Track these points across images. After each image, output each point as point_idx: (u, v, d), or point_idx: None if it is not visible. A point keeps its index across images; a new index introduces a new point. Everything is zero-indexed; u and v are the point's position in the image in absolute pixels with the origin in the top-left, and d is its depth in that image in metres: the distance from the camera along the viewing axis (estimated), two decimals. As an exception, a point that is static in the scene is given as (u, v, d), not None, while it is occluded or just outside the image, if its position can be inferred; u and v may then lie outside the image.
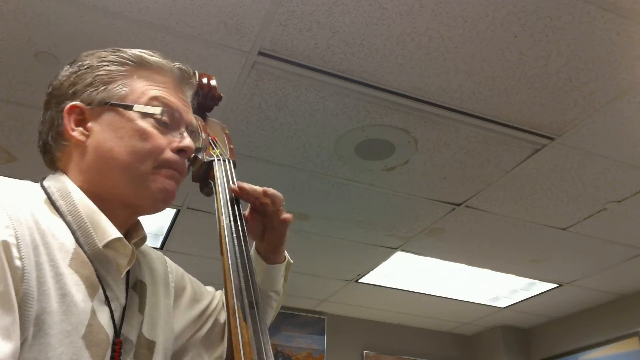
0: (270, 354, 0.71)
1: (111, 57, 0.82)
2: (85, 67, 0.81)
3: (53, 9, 1.84)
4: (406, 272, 3.90)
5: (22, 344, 0.62)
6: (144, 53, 0.83)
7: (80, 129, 0.79)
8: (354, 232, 3.32)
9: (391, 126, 2.39)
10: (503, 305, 4.43)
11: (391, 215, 3.10)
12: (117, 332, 0.74)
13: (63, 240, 0.71)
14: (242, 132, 2.44)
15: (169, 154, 0.80)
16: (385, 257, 3.66)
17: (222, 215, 0.87)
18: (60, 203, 0.75)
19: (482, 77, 2.12)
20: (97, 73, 0.80)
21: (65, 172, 0.80)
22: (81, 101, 0.79)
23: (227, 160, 0.97)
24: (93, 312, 0.71)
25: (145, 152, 0.78)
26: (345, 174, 2.73)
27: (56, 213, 0.74)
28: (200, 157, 0.94)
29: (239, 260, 0.81)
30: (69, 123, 0.79)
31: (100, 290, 0.73)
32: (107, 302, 0.74)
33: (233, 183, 0.92)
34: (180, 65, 0.86)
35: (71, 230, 0.73)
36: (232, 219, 0.87)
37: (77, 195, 0.76)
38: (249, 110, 2.31)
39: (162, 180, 0.79)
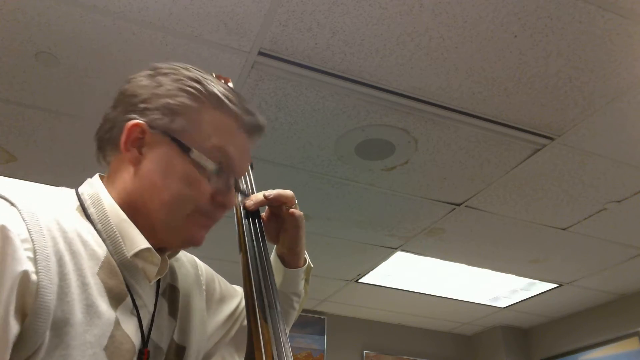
0: (290, 353, 0.72)
1: (189, 87, 0.79)
2: (164, 87, 0.79)
3: (53, 9, 1.84)
4: (406, 272, 3.90)
5: (35, 354, 0.61)
6: (223, 95, 0.80)
7: (135, 150, 0.77)
8: (354, 232, 3.32)
9: (391, 126, 2.39)
10: (503, 305, 4.42)
11: (391, 215, 3.10)
12: (144, 340, 0.74)
13: (94, 248, 0.70)
14: (242, 132, 2.44)
15: (208, 204, 0.78)
16: (385, 257, 3.66)
17: (241, 215, 0.89)
18: (91, 210, 0.74)
19: (482, 77, 2.12)
20: (169, 101, 0.78)
21: (111, 179, 0.79)
22: (146, 121, 0.77)
23: None
24: (117, 322, 0.70)
25: (188, 198, 0.76)
26: (345, 174, 2.73)
27: (87, 220, 0.73)
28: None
29: (258, 261, 0.82)
30: (127, 141, 0.77)
31: (128, 299, 0.72)
32: (136, 310, 0.73)
33: (251, 186, 0.94)
34: (258, 122, 0.83)
35: (102, 238, 0.72)
36: (251, 219, 0.89)
37: (108, 203, 0.76)
38: (249, 110, 2.31)
39: (196, 230, 0.79)
